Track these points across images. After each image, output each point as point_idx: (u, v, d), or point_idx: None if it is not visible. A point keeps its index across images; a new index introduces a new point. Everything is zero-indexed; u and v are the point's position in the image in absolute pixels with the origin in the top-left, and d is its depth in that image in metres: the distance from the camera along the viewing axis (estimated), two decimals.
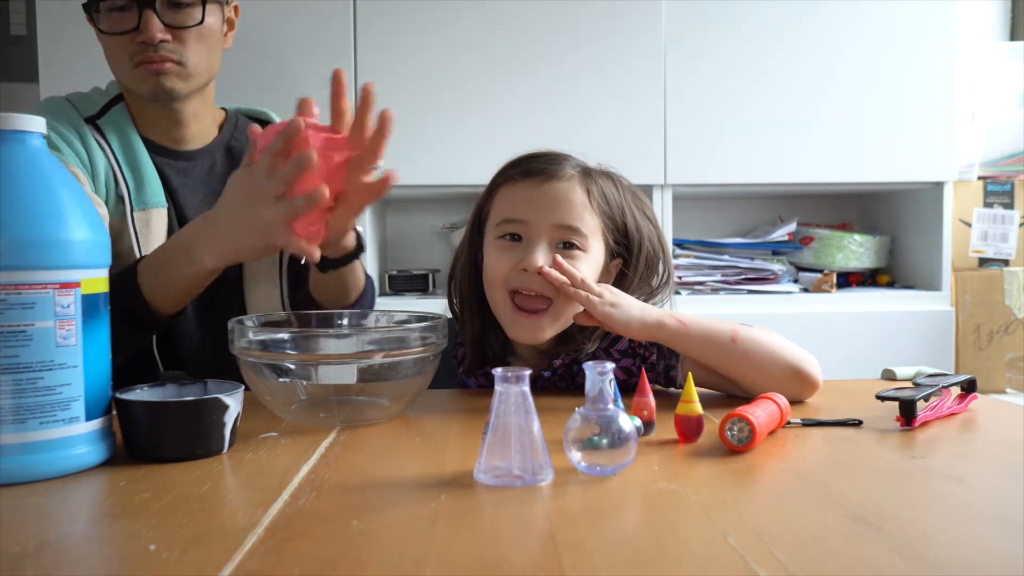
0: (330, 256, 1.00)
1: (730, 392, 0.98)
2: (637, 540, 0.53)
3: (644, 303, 0.96)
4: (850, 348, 2.03)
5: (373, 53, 2.00)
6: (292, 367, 0.82)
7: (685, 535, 0.53)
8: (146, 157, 1.13)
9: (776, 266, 2.14)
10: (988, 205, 2.20)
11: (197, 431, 0.71)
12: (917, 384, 0.90)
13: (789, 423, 0.82)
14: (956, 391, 0.93)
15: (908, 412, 0.82)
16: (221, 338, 0.87)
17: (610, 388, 0.66)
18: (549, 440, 0.66)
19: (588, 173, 1.02)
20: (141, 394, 0.75)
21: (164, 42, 1.08)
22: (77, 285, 0.67)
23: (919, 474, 0.67)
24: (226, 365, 0.88)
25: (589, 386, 0.65)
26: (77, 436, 0.67)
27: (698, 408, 0.76)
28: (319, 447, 0.75)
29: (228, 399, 0.73)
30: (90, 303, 0.68)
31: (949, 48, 2.08)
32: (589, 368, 0.65)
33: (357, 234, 1.03)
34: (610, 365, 0.66)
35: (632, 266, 1.03)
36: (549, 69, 2.02)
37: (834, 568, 0.47)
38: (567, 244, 0.98)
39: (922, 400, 0.84)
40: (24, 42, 2.35)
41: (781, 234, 2.20)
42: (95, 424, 0.68)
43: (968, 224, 2.20)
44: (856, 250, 2.22)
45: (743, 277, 2.13)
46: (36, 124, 0.68)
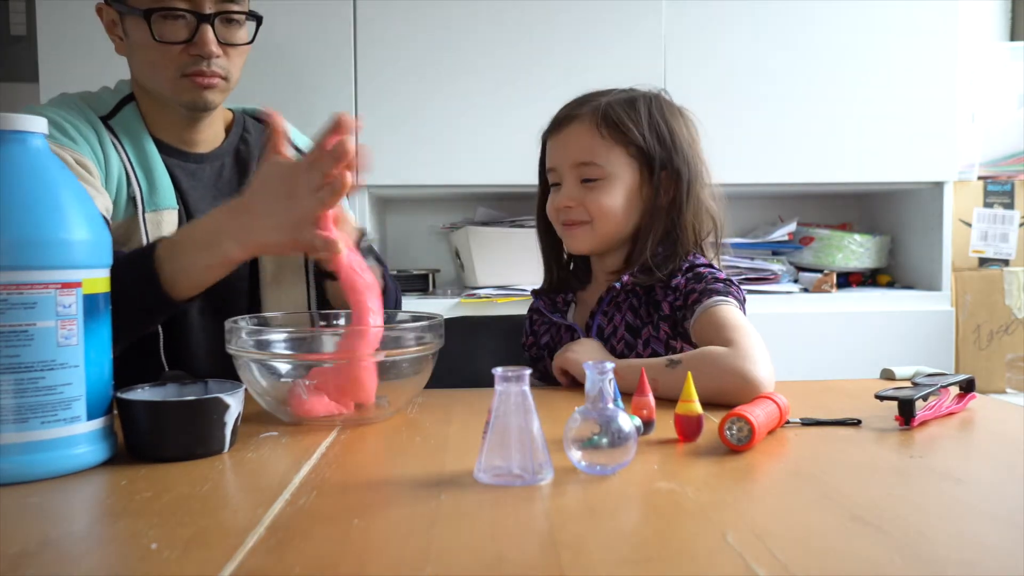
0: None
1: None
2: (637, 539, 0.53)
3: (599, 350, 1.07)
4: (850, 348, 2.03)
5: (373, 53, 2.00)
6: (293, 367, 0.82)
7: (684, 534, 0.53)
8: (158, 158, 1.13)
9: (776, 266, 2.15)
10: (988, 205, 2.20)
11: (198, 431, 0.72)
12: (916, 384, 0.90)
13: (788, 423, 0.82)
14: (955, 391, 0.93)
15: (907, 412, 0.82)
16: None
17: (610, 388, 0.66)
18: (549, 440, 0.67)
19: (599, 107, 1.11)
20: (142, 394, 0.75)
21: (217, 57, 1.09)
22: (78, 285, 0.67)
23: (917, 473, 0.67)
24: (232, 368, 0.87)
25: (589, 386, 0.66)
26: (78, 436, 0.67)
27: (697, 408, 0.76)
28: (319, 447, 0.75)
29: (229, 399, 0.73)
30: (91, 303, 0.68)
31: (949, 48, 2.08)
32: (589, 368, 0.66)
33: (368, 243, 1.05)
34: (610, 365, 0.66)
35: (664, 179, 1.12)
36: (549, 69, 2.02)
37: (833, 567, 0.47)
38: (587, 179, 1.11)
39: (921, 400, 0.84)
40: (24, 42, 2.35)
41: (781, 234, 2.20)
42: (96, 424, 0.69)
43: (968, 224, 2.20)
44: (856, 250, 2.22)
45: (743, 277, 2.13)
46: (37, 124, 0.68)
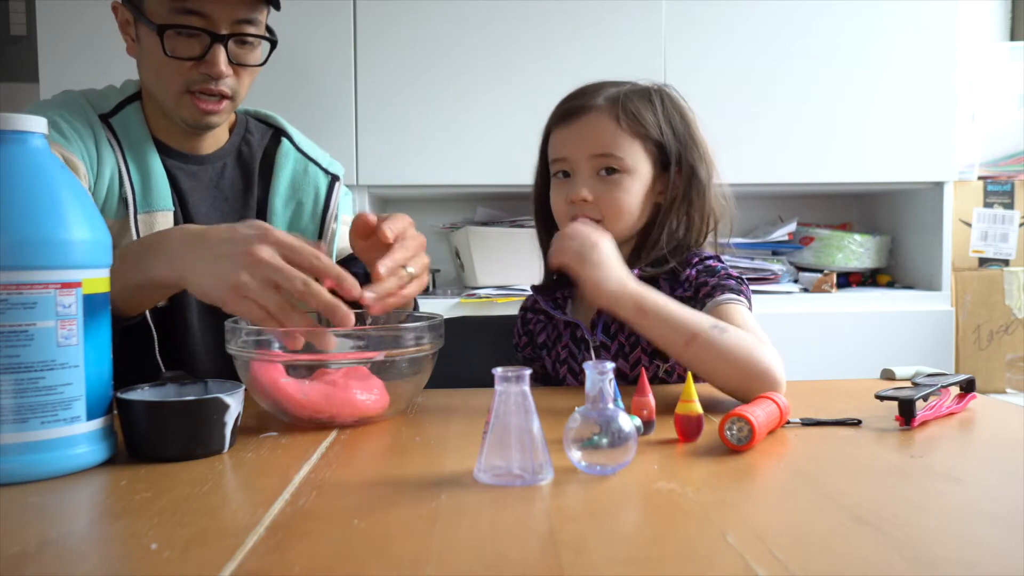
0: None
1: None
2: (637, 539, 0.53)
3: (628, 274, 0.97)
4: (850, 348, 2.03)
5: (373, 53, 2.00)
6: (292, 367, 0.82)
7: (684, 534, 0.53)
8: (156, 159, 1.12)
9: (776, 266, 2.15)
10: (988, 205, 2.20)
11: (198, 431, 0.72)
12: (916, 384, 0.90)
13: (788, 423, 0.82)
14: (955, 391, 0.93)
15: (907, 412, 0.82)
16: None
17: (610, 388, 0.66)
18: (549, 440, 0.67)
19: (617, 99, 1.09)
20: (142, 394, 0.75)
21: (226, 77, 1.08)
22: (78, 285, 0.67)
23: (918, 473, 0.67)
24: (232, 368, 0.87)
25: (589, 386, 0.66)
26: (78, 436, 0.67)
27: (698, 408, 0.76)
28: (319, 447, 0.75)
29: (229, 399, 0.73)
30: (91, 303, 0.68)
31: (949, 48, 2.08)
32: (589, 368, 0.66)
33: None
34: (610, 365, 0.66)
35: (678, 175, 1.10)
36: (549, 69, 2.02)
37: (833, 567, 0.47)
38: (608, 170, 1.07)
39: (921, 400, 0.84)
40: (24, 42, 2.35)
41: (781, 234, 2.20)
42: (96, 424, 0.69)
43: (968, 224, 2.20)
44: (856, 250, 2.22)
45: (743, 277, 2.13)
46: (37, 124, 0.68)
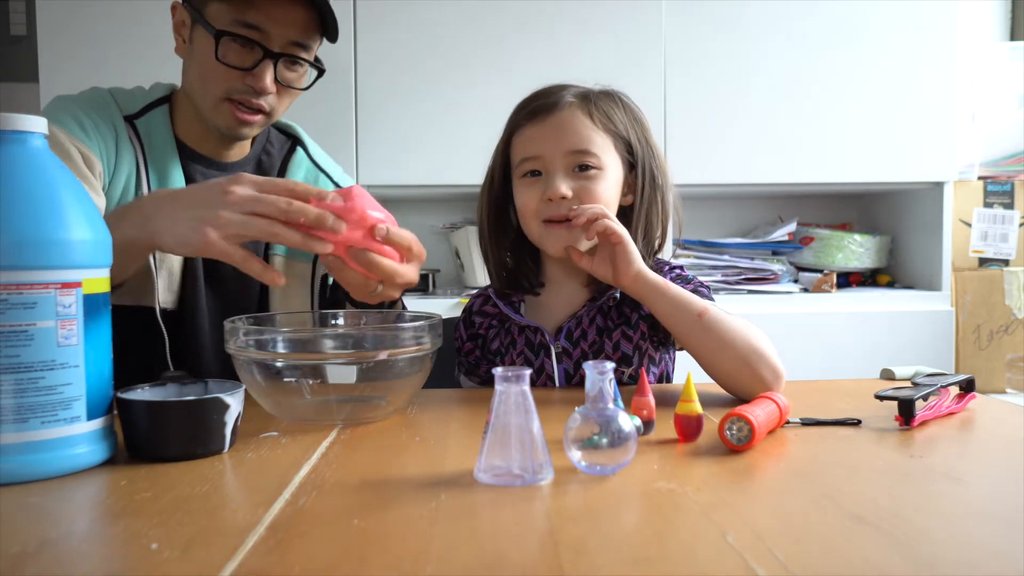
0: (369, 301, 0.99)
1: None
2: (637, 539, 0.53)
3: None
4: (850, 348, 2.03)
5: (373, 53, 2.00)
6: (292, 367, 0.82)
7: (684, 534, 0.53)
8: (176, 164, 1.13)
9: (776, 266, 2.15)
10: (988, 205, 2.20)
11: (198, 431, 0.72)
12: (916, 384, 0.90)
13: (788, 422, 0.82)
14: (954, 391, 0.93)
15: (907, 411, 0.82)
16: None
17: (610, 388, 0.66)
18: (549, 440, 0.67)
19: (587, 96, 1.08)
20: (142, 393, 0.75)
21: (269, 94, 1.09)
22: (78, 285, 0.67)
23: (917, 473, 0.67)
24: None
25: (589, 385, 0.66)
26: (78, 435, 0.67)
27: (697, 408, 0.76)
28: (319, 447, 0.75)
29: (229, 399, 0.73)
30: (91, 303, 0.68)
31: (949, 48, 2.08)
32: (589, 368, 0.66)
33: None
34: (610, 365, 0.66)
35: (642, 178, 1.10)
36: (549, 69, 2.01)
37: (833, 567, 0.47)
38: (582, 167, 1.05)
39: (921, 400, 0.84)
40: (24, 42, 2.35)
41: (781, 234, 2.21)
42: (96, 424, 0.69)
43: (968, 224, 2.20)
44: (856, 250, 2.22)
45: (743, 277, 2.13)
46: (37, 124, 0.68)
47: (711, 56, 2.05)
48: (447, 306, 1.97)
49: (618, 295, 1.08)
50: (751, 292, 2.11)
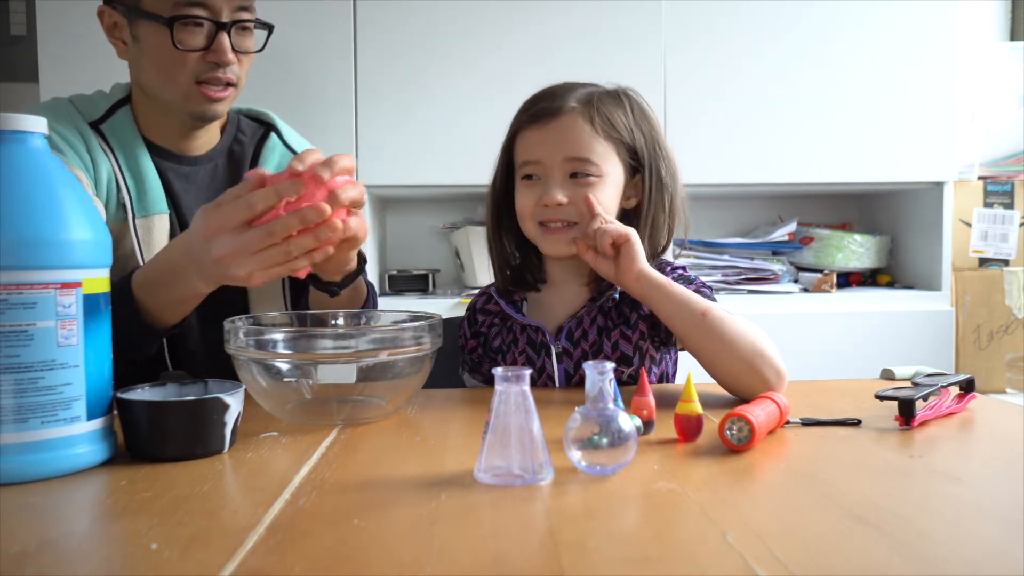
0: (332, 279, 0.99)
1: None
2: (637, 539, 0.53)
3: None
4: (850, 348, 2.03)
5: (373, 53, 2.00)
6: (292, 367, 0.82)
7: (684, 534, 0.53)
8: (149, 163, 1.13)
9: (776, 266, 2.15)
10: (988, 205, 2.20)
11: (198, 431, 0.72)
12: (916, 384, 0.90)
13: (788, 422, 0.82)
14: (955, 391, 0.93)
15: (907, 411, 0.82)
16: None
17: (610, 388, 0.66)
18: (549, 440, 0.67)
19: (590, 101, 1.07)
20: (142, 393, 0.75)
21: (232, 64, 1.09)
22: (78, 285, 0.67)
23: (917, 473, 0.67)
24: (231, 369, 0.87)
25: (589, 385, 0.66)
26: (78, 435, 0.67)
27: (698, 408, 0.76)
28: (319, 447, 0.75)
29: (229, 399, 0.73)
30: (91, 303, 0.68)
31: (949, 48, 2.08)
32: (589, 368, 0.66)
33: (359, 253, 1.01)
34: (610, 365, 0.66)
35: (648, 180, 1.09)
36: (549, 69, 2.00)
37: (833, 567, 0.47)
38: (581, 174, 1.05)
39: (921, 400, 0.84)
40: (24, 42, 2.35)
41: (781, 234, 2.21)
42: (96, 424, 0.69)
43: (968, 224, 2.20)
44: (856, 250, 2.22)
45: (743, 277, 2.13)
46: (37, 124, 0.68)
47: (711, 56, 2.05)
48: (447, 306, 1.97)
49: (617, 295, 1.08)
50: (751, 292, 2.11)
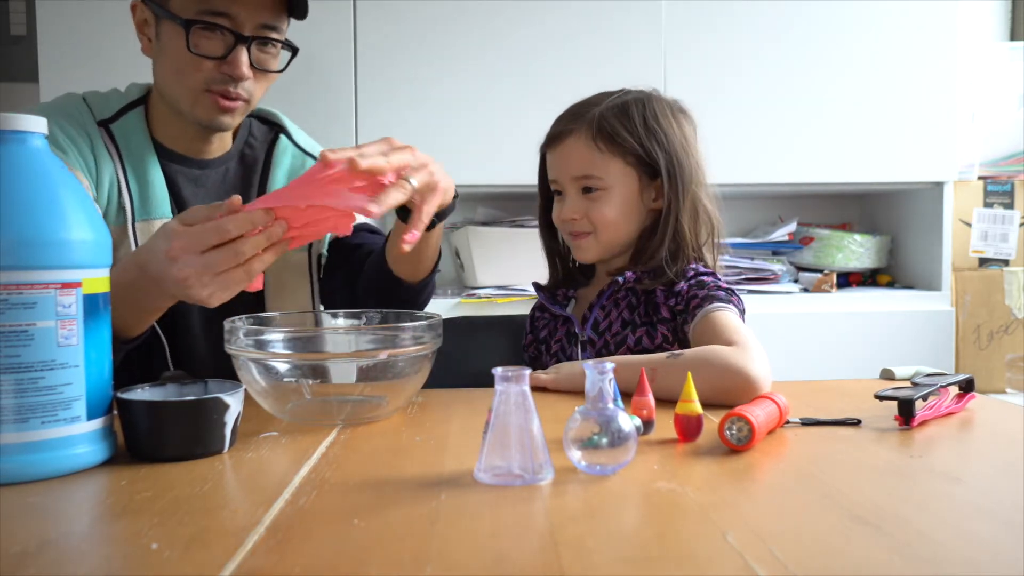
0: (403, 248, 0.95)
1: None
2: (637, 539, 0.53)
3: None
4: (850, 348, 2.03)
5: (373, 53, 2.00)
6: (291, 367, 0.82)
7: (684, 534, 0.53)
8: (156, 166, 1.12)
9: (776, 266, 2.15)
10: (988, 205, 2.20)
11: (198, 431, 0.72)
12: (915, 384, 0.90)
13: (788, 422, 0.82)
14: (954, 391, 0.93)
15: (906, 411, 0.82)
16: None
17: (610, 388, 0.66)
18: (549, 439, 0.67)
19: (594, 120, 1.14)
20: (142, 394, 0.75)
21: (246, 80, 1.08)
22: (78, 285, 0.67)
23: (917, 473, 0.67)
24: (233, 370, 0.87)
25: (589, 386, 0.66)
26: (78, 435, 0.67)
27: (697, 408, 0.76)
28: (319, 446, 0.75)
29: (229, 399, 0.73)
30: (91, 303, 0.68)
31: (949, 48, 2.08)
32: (589, 368, 0.66)
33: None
34: (610, 365, 0.66)
35: (665, 182, 1.14)
36: (549, 69, 2.02)
37: (833, 567, 0.47)
38: (588, 189, 1.15)
39: (920, 400, 0.84)
40: (24, 42, 2.35)
41: (781, 234, 2.21)
42: (96, 424, 0.69)
43: (968, 224, 2.20)
44: (856, 250, 2.22)
45: (743, 277, 2.13)
46: (37, 124, 0.68)
47: (711, 56, 2.05)
48: (447, 306, 1.97)
49: (622, 279, 1.13)
50: (751, 292, 2.11)
